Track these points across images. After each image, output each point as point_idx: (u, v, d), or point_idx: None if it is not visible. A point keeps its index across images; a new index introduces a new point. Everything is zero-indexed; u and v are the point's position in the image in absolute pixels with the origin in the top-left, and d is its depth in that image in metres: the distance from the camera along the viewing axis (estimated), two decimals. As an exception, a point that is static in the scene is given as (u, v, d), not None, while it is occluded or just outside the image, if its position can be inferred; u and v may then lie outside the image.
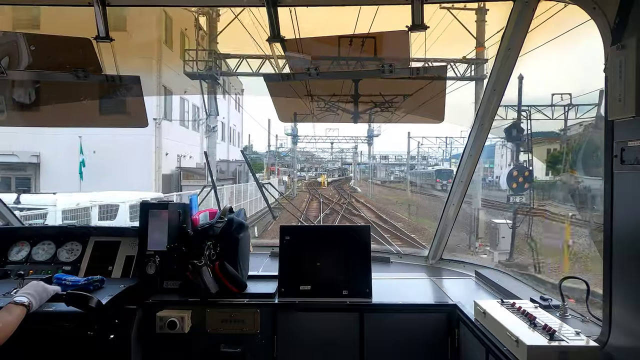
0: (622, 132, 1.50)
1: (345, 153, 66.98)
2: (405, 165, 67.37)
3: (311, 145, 62.43)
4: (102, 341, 2.08)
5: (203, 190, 3.31)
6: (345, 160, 76.17)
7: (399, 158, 69.01)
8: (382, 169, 72.51)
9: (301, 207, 22.07)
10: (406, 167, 48.86)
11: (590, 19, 1.67)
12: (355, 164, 63.60)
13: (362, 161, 65.64)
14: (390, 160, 72.80)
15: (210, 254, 2.33)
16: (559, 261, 11.53)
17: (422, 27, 2.09)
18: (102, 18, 2.22)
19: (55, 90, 2.84)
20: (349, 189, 47.62)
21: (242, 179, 25.12)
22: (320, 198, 30.63)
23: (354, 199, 34.79)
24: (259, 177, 26.95)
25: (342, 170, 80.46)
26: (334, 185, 58.28)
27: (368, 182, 54.66)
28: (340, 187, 51.49)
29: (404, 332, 2.31)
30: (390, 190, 49.32)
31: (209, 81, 17.93)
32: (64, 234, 2.74)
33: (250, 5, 2.25)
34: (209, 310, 2.30)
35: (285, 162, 58.36)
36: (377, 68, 2.35)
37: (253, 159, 39.36)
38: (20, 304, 1.84)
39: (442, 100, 2.68)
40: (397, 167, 73.11)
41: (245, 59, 16.88)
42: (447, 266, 3.11)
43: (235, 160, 28.74)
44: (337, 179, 70.86)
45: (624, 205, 1.52)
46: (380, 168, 70.67)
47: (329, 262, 2.43)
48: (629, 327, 1.51)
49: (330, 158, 75.42)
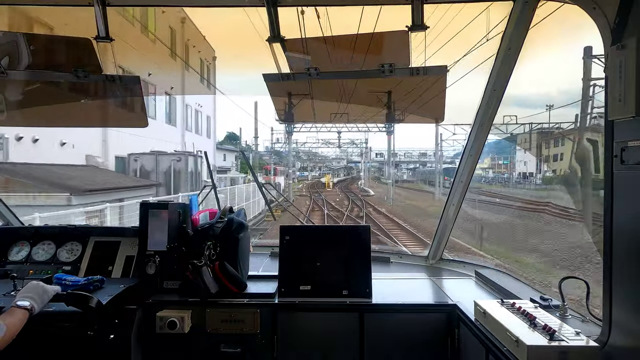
0: (622, 132, 1.50)
1: (353, 149, 58.08)
2: (418, 162, 61.20)
3: (313, 140, 56.12)
4: (102, 341, 2.08)
5: (203, 189, 3.31)
6: (350, 158, 69.79)
7: (409, 154, 62.78)
8: (388, 167, 65.94)
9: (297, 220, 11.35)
10: (436, 162, 38.02)
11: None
12: (366, 161, 54.44)
13: (371, 158, 57.32)
14: (400, 157, 61.94)
15: (210, 254, 2.33)
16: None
17: (422, 27, 2.09)
18: (102, 18, 2.22)
19: (55, 90, 2.84)
20: (359, 192, 40.98)
21: (183, 182, 15.61)
22: (324, 207, 23.68)
23: (370, 206, 25.90)
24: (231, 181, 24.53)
25: (347, 169, 74.16)
26: (340, 186, 51.97)
27: (380, 182, 48.73)
28: (348, 189, 44.88)
29: (404, 332, 2.31)
30: (412, 192, 40.02)
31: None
32: (64, 234, 2.74)
33: (250, 5, 2.24)
34: (209, 310, 2.30)
35: (286, 162, 53.94)
36: (377, 68, 2.36)
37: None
38: (23, 307, 1.83)
39: (442, 100, 2.68)
40: (404, 165, 66.59)
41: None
42: (447, 266, 3.11)
43: (175, 152, 18.47)
44: (343, 179, 65.70)
45: (624, 205, 1.52)
46: (389, 165, 63.48)
47: (329, 262, 2.43)
48: (629, 327, 1.51)
49: (335, 155, 69.05)
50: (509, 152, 35.54)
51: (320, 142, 47.81)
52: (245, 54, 16.09)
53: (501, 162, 38.27)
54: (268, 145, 44.75)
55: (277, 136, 44.11)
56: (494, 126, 17.18)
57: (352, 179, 65.80)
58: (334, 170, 71.86)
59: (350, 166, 74.26)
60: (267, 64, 2.42)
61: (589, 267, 10.24)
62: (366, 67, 2.46)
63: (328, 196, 32.88)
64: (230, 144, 48.21)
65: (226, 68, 28.38)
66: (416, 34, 2.16)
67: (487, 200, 24.99)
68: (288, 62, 2.43)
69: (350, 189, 45.95)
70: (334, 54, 2.47)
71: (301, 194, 36.53)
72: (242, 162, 38.64)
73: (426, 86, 2.61)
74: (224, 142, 49.84)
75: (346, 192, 38.74)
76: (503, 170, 40.00)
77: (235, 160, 39.18)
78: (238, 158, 39.19)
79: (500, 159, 39.19)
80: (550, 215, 17.60)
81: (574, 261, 11.09)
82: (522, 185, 35.97)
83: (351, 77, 2.63)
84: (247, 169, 32.85)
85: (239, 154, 31.01)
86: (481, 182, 42.05)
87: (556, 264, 11.34)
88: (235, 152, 38.82)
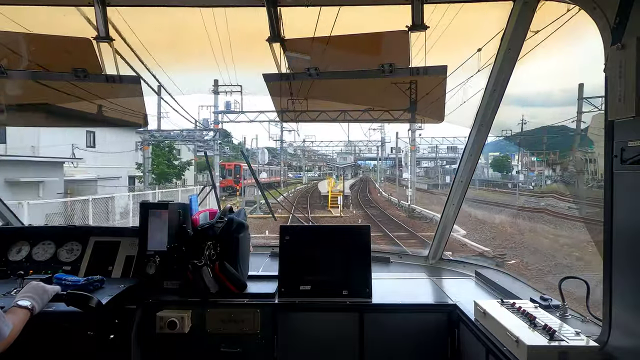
0: (622, 132, 1.50)
1: (365, 144, 44.38)
2: (445, 158, 47.05)
3: (308, 129, 42.51)
4: (102, 341, 2.08)
5: (203, 189, 3.31)
6: (360, 155, 52.26)
7: (432, 148, 46.74)
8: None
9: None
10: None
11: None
12: (386, 157, 41.87)
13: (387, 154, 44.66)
14: (422, 152, 47.30)
15: (210, 254, 2.33)
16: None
17: (422, 27, 2.10)
18: (102, 18, 2.22)
19: (55, 90, 2.83)
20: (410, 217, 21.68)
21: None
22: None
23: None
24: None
25: (355, 167, 56.92)
26: (361, 198, 31.92)
27: (400, 184, 33.28)
28: (373, 205, 27.31)
29: (404, 332, 2.31)
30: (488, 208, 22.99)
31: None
32: (63, 233, 2.73)
33: (250, 5, 2.25)
34: (209, 310, 2.30)
35: (286, 160, 43.35)
36: (377, 68, 2.36)
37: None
38: (24, 307, 1.84)
39: (442, 100, 2.68)
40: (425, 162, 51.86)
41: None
42: (447, 266, 3.11)
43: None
44: (352, 183, 47.62)
45: (624, 205, 1.52)
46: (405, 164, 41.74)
47: (329, 262, 2.43)
48: (629, 327, 1.51)
49: (340, 150, 52.57)
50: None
51: (320, 115, 41.24)
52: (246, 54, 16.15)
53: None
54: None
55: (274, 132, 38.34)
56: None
57: (360, 181, 51.14)
58: (338, 169, 51.62)
59: (358, 164, 59.79)
60: (267, 64, 2.42)
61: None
62: (366, 67, 2.46)
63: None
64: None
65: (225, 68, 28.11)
66: (416, 34, 2.16)
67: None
68: (288, 62, 2.44)
69: (379, 207, 26.77)
70: (334, 54, 2.47)
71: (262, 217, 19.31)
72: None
73: (427, 87, 2.61)
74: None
75: (379, 220, 19.96)
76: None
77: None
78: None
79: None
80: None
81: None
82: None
83: (351, 77, 2.63)
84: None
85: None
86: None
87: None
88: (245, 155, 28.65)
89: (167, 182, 29.20)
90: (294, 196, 31.37)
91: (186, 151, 32.33)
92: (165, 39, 3.08)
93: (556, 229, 15.72)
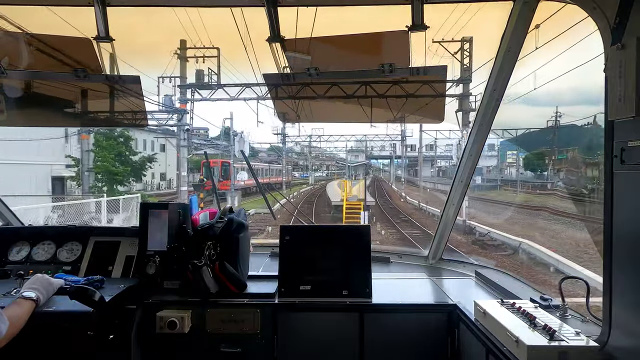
0: (622, 132, 1.50)
1: (380, 140, 39.61)
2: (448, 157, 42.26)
3: (312, 126, 39.22)
4: (102, 341, 2.08)
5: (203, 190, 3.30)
6: (371, 153, 48.21)
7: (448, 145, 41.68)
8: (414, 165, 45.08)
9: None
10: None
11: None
12: (404, 156, 36.74)
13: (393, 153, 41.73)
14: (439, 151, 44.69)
15: (210, 254, 2.33)
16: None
17: (422, 27, 2.09)
18: (102, 18, 2.22)
19: (55, 90, 2.84)
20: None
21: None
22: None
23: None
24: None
25: (366, 167, 48.75)
26: (383, 205, 25.45)
27: (415, 184, 29.50)
28: (400, 216, 21.07)
29: (404, 332, 2.30)
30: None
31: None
32: (64, 233, 2.73)
33: (250, 5, 2.25)
34: (209, 310, 2.30)
35: (289, 159, 39.53)
36: (377, 68, 2.36)
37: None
38: (29, 298, 1.89)
39: (442, 100, 2.68)
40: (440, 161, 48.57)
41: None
42: (447, 266, 3.11)
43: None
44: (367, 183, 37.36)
45: (624, 205, 1.52)
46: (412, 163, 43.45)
47: (329, 262, 2.43)
48: (629, 327, 1.51)
49: (350, 148, 48.14)
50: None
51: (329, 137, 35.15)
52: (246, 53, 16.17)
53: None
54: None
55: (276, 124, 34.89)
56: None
57: (373, 182, 45.07)
58: (350, 168, 44.15)
59: (369, 163, 52.91)
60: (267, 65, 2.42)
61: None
62: (366, 67, 2.46)
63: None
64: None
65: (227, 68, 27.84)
66: (417, 34, 2.16)
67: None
68: (288, 62, 2.44)
69: (411, 219, 20.75)
70: (334, 54, 2.47)
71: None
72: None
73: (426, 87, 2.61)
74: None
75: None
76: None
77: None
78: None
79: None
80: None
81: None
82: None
83: (351, 77, 2.64)
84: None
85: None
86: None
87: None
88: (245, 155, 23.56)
89: (119, 184, 23.29)
90: (296, 202, 25.39)
91: (170, 148, 26.44)
92: (165, 39, 3.08)
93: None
